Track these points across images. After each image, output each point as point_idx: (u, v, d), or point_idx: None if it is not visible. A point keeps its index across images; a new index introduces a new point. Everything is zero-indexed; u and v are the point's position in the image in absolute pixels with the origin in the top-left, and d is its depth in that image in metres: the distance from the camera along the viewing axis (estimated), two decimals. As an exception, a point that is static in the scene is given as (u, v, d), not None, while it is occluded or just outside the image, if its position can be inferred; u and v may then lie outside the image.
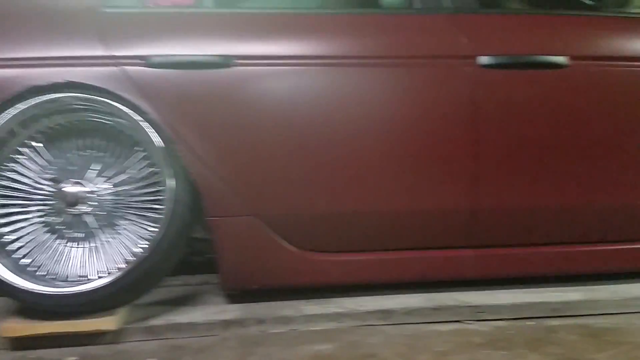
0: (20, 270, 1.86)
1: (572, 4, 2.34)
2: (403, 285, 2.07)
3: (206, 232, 2.07)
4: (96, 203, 1.90)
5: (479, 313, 1.93)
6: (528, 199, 2.02)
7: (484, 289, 2.04)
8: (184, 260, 2.14)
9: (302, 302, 2.00)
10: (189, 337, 1.85)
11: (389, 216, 2.00)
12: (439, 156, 1.98)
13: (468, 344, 1.75)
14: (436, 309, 1.93)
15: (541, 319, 1.91)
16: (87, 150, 1.93)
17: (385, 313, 1.92)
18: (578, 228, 2.07)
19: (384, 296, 2.01)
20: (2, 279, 1.81)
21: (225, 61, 1.88)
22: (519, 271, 2.08)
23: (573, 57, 1.96)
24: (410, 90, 1.97)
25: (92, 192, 1.90)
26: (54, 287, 1.85)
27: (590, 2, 2.36)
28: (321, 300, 2.01)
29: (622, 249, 2.08)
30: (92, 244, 1.92)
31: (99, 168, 1.92)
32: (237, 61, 1.88)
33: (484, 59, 1.94)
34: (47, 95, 1.83)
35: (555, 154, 2.00)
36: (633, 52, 2.02)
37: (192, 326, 1.88)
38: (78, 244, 1.92)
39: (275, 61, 1.91)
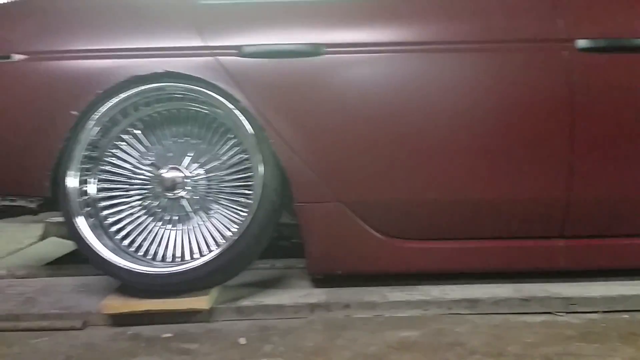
0: (121, 251, 1.97)
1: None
2: (490, 275, 2.04)
3: (293, 217, 2.12)
4: (191, 188, 1.99)
5: (570, 305, 1.89)
6: (625, 189, 1.96)
7: (575, 281, 1.99)
8: (271, 245, 2.21)
9: (387, 288, 2.01)
10: (277, 319, 1.91)
11: (478, 205, 1.98)
12: (533, 144, 1.94)
13: (559, 336, 1.72)
14: (525, 300, 1.90)
15: (635, 312, 1.85)
16: (184, 138, 2.01)
17: (472, 302, 1.91)
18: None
19: (471, 285, 2.00)
20: (105, 258, 1.91)
21: (315, 50, 1.91)
22: (613, 263, 2.02)
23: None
24: (504, 77, 1.94)
25: (187, 177, 1.98)
26: (151, 267, 1.94)
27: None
28: (406, 287, 2.01)
29: None
30: (187, 227, 2.01)
31: (193, 154, 2.00)
32: (327, 49, 1.91)
33: (582, 43, 1.88)
34: (147, 84, 1.92)
35: None
36: None
37: (279, 308, 1.94)
38: (174, 227, 2.01)
39: (364, 48, 1.92)
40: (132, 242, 2.00)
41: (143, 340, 1.81)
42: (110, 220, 2.00)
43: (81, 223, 1.93)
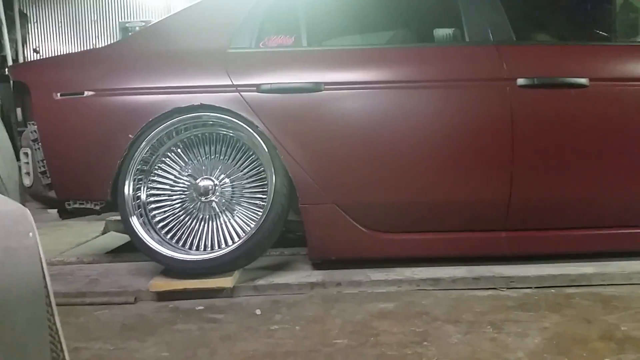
0: (165, 242, 1.97)
1: (590, 36, 2.24)
2: (449, 259, 2.04)
3: (298, 215, 2.13)
4: (219, 193, 2.00)
5: (510, 282, 1.89)
6: (553, 192, 1.95)
7: (515, 264, 1.99)
8: (281, 237, 2.21)
9: (370, 270, 2.01)
10: (285, 294, 1.91)
11: (441, 205, 1.99)
12: (483, 158, 1.95)
13: (502, 307, 1.73)
14: (476, 279, 1.91)
15: (561, 288, 1.86)
16: (214, 155, 2.02)
17: (435, 280, 1.91)
18: (592, 216, 1.99)
19: (434, 267, 2.00)
20: (152, 247, 1.93)
21: (316, 87, 1.93)
22: (544, 250, 2.01)
23: (592, 79, 1.89)
24: (462, 106, 1.95)
25: (216, 185, 2.00)
26: (188, 254, 1.95)
27: (605, 34, 2.26)
28: (384, 269, 2.01)
29: (629, 232, 1.98)
30: (216, 223, 2.01)
31: (221, 168, 2.01)
32: (325, 86, 1.93)
33: (521, 81, 1.89)
34: (185, 114, 1.95)
35: (578, 157, 1.93)
36: (631, 72, 1.92)
37: (287, 286, 1.95)
38: (206, 224, 2.02)
39: (354, 86, 1.94)
40: (174, 235, 2.00)
41: (181, 312, 1.82)
42: (157, 218, 2.01)
43: (134, 221, 1.95)
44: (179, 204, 2.02)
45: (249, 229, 1.97)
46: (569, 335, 1.50)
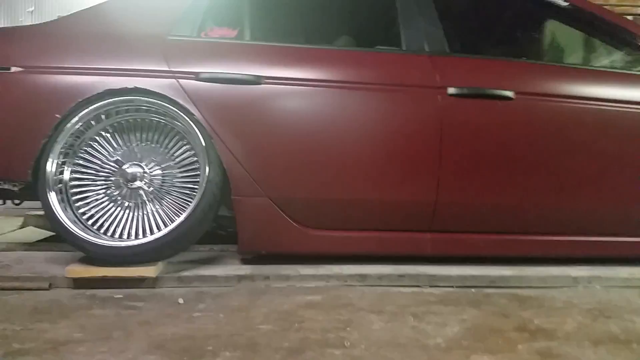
0: (83, 225, 1.89)
1: (518, 54, 2.38)
2: (378, 258, 2.07)
3: (229, 211, 2.10)
4: (148, 181, 1.94)
5: (434, 280, 1.94)
6: (477, 197, 2.03)
7: (439, 264, 2.04)
8: (211, 233, 2.17)
9: (299, 266, 2.00)
10: (211, 287, 1.87)
11: (369, 204, 2.02)
12: (413, 161, 2.00)
13: (424, 301, 1.77)
14: (401, 276, 1.94)
15: (481, 288, 1.92)
16: (146, 142, 1.97)
17: (362, 276, 1.93)
18: (513, 222, 2.08)
19: (363, 265, 2.02)
20: (69, 229, 1.84)
21: (256, 80, 1.93)
22: (467, 252, 2.08)
23: (517, 92, 1.99)
24: (395, 110, 2.00)
25: (146, 172, 1.94)
26: (108, 240, 1.87)
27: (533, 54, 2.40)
28: (313, 265, 2.01)
29: (547, 239, 2.10)
30: (142, 212, 1.94)
31: (152, 155, 1.96)
32: (265, 80, 1.94)
33: (451, 90, 1.97)
34: (118, 97, 1.90)
35: (501, 165, 2.01)
36: (562, 91, 2.04)
37: (213, 278, 1.90)
38: (132, 212, 1.95)
39: (294, 82, 1.96)
40: (96, 222, 1.92)
41: (98, 299, 1.73)
42: (79, 203, 1.92)
43: (52, 197, 1.86)
44: (104, 190, 1.94)
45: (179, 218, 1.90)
46: (486, 326, 1.55)
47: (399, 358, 1.32)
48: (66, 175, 1.91)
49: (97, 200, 1.94)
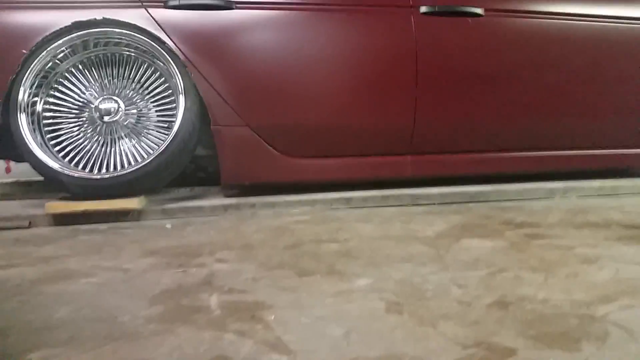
0: (61, 162, 1.86)
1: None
2: (361, 184, 2.12)
3: (208, 150, 2.10)
4: (123, 115, 1.92)
5: (416, 199, 2.00)
6: (456, 118, 2.09)
7: (420, 187, 2.09)
8: (190, 175, 2.17)
9: (284, 195, 2.02)
10: (197, 217, 1.86)
11: (349, 129, 2.05)
12: (389, 82, 2.03)
13: (410, 213, 1.83)
14: (385, 197, 1.99)
15: (462, 203, 1.99)
16: (119, 77, 1.94)
17: (347, 199, 1.97)
18: (490, 139, 2.15)
19: (347, 191, 2.04)
20: (50, 166, 1.81)
21: (227, 4, 1.93)
22: (447, 172, 2.14)
23: (487, 9, 2.05)
24: (370, 31, 2.03)
25: (120, 107, 1.91)
26: (85, 173, 1.84)
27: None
28: (298, 194, 2.04)
29: (521, 156, 2.18)
30: (119, 147, 1.93)
31: (127, 89, 1.94)
32: (237, 5, 1.93)
33: (424, 8, 2.01)
34: (87, 29, 1.86)
35: (473, 82, 2.07)
36: (527, 7, 2.09)
37: (199, 209, 1.90)
38: (108, 146, 1.92)
39: (265, 5, 1.95)
40: (73, 157, 1.89)
41: (82, 231, 1.71)
42: (56, 140, 1.89)
43: (22, 120, 1.82)
44: (77, 126, 1.91)
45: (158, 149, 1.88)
46: (472, 224, 1.62)
47: (393, 244, 1.36)
48: (39, 107, 1.87)
49: (71, 135, 1.90)
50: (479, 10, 2.03)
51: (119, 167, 1.88)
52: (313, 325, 0.85)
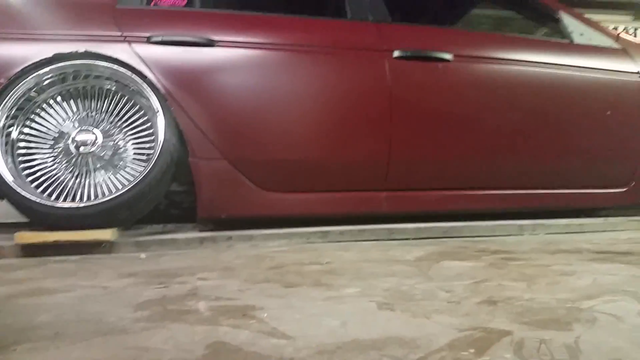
0: (35, 191, 1.82)
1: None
2: (337, 220, 2.11)
3: (183, 186, 2.10)
4: (101, 147, 1.90)
5: (392, 234, 2.02)
6: (428, 156, 2.16)
7: (395, 222, 2.11)
8: (164, 212, 2.14)
9: (261, 229, 2.01)
10: (171, 251, 1.81)
11: (327, 165, 2.09)
12: (364, 122, 2.10)
13: (386, 245, 1.85)
14: (361, 231, 2.00)
15: (436, 238, 2.02)
16: (99, 109, 1.95)
17: (324, 233, 1.97)
18: (458, 177, 2.22)
19: (324, 227, 2.02)
20: (19, 192, 1.76)
21: (209, 42, 1.99)
22: (420, 208, 2.18)
23: (455, 55, 2.18)
24: (346, 73, 2.11)
25: (98, 139, 1.91)
26: (57, 203, 1.79)
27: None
28: (276, 227, 2.02)
29: (491, 194, 2.25)
30: (95, 179, 1.90)
31: (106, 121, 1.94)
32: (218, 42, 1.99)
33: (397, 52, 2.12)
34: (69, 61, 1.88)
35: (444, 122, 2.17)
36: (492, 54, 2.24)
37: (173, 242, 1.86)
38: (84, 178, 1.89)
39: (247, 44, 2.02)
40: (47, 187, 1.85)
41: (52, 262, 1.65)
42: (30, 170, 1.85)
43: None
44: (52, 156, 1.88)
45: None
46: (449, 252, 1.66)
47: (375, 265, 1.38)
48: (14, 133, 1.85)
49: (45, 164, 1.87)
50: (448, 56, 2.17)
51: (92, 197, 1.85)
52: (308, 319, 0.85)
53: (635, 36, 5.83)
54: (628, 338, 0.71)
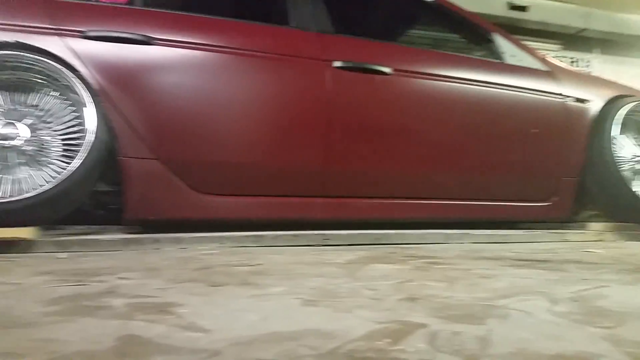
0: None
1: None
2: (271, 225, 2.11)
3: (110, 185, 2.01)
4: (27, 142, 1.80)
5: (324, 239, 2.02)
6: (362, 164, 2.19)
7: (329, 228, 2.13)
8: (88, 213, 2.05)
9: (192, 232, 1.95)
10: (93, 252, 1.73)
11: (263, 170, 2.07)
12: (302, 127, 2.11)
13: (320, 250, 1.85)
14: (296, 236, 2.00)
15: (368, 245, 2.04)
16: (24, 104, 1.84)
17: (258, 237, 1.95)
18: (392, 187, 2.26)
19: (258, 231, 2.02)
20: None
21: (147, 40, 1.94)
22: (356, 215, 2.21)
23: (394, 69, 2.24)
24: (286, 79, 2.11)
25: (18, 133, 1.80)
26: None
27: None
28: (207, 231, 1.98)
29: (423, 203, 2.31)
30: (16, 175, 1.79)
31: (35, 115, 1.83)
32: (156, 41, 1.94)
33: (337, 63, 2.14)
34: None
35: (381, 133, 2.20)
36: (430, 70, 2.32)
37: (96, 242, 1.79)
38: (6, 173, 1.78)
39: (185, 44, 1.97)
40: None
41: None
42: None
43: None
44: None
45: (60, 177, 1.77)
46: (379, 256, 1.67)
47: (306, 267, 1.38)
48: None
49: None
50: (387, 69, 2.22)
51: (13, 194, 1.74)
52: (228, 315, 0.83)
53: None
54: (535, 331, 0.74)
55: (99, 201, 2.15)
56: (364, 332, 0.71)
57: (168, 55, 1.97)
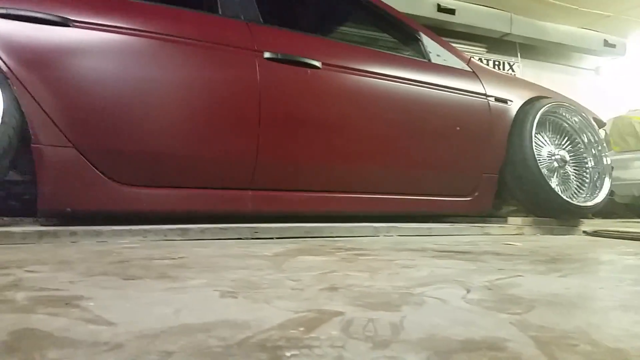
0: None
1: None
2: (200, 218, 2.06)
3: (23, 175, 1.88)
4: None
5: (255, 233, 1.99)
6: (293, 157, 2.18)
7: (260, 223, 2.11)
8: (2, 204, 1.91)
9: (112, 225, 1.86)
10: (3, 245, 1.62)
11: (189, 160, 2.01)
12: (231, 119, 2.06)
13: (248, 243, 1.82)
14: (224, 229, 1.95)
15: (298, 238, 2.05)
16: None
17: (184, 230, 1.89)
18: (322, 180, 2.28)
19: (183, 224, 1.96)
20: None
21: (64, 21, 1.83)
22: (286, 209, 2.20)
23: (324, 63, 2.25)
24: (215, 68, 2.06)
25: None
26: None
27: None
28: (129, 224, 1.89)
29: (353, 197, 2.35)
30: None
31: None
32: (74, 23, 1.84)
33: (267, 54, 2.12)
34: None
35: (311, 126, 2.21)
36: (359, 66, 2.36)
37: (7, 235, 1.66)
38: None
39: (106, 28, 1.88)
40: None
41: None
42: None
43: None
44: None
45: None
46: (307, 249, 1.67)
47: (231, 260, 1.34)
48: None
49: None
50: (317, 63, 2.22)
51: None
52: (138, 308, 0.79)
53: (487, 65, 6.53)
54: (448, 317, 0.75)
55: (13, 192, 2.01)
56: (279, 322, 0.69)
57: (87, 39, 1.86)
